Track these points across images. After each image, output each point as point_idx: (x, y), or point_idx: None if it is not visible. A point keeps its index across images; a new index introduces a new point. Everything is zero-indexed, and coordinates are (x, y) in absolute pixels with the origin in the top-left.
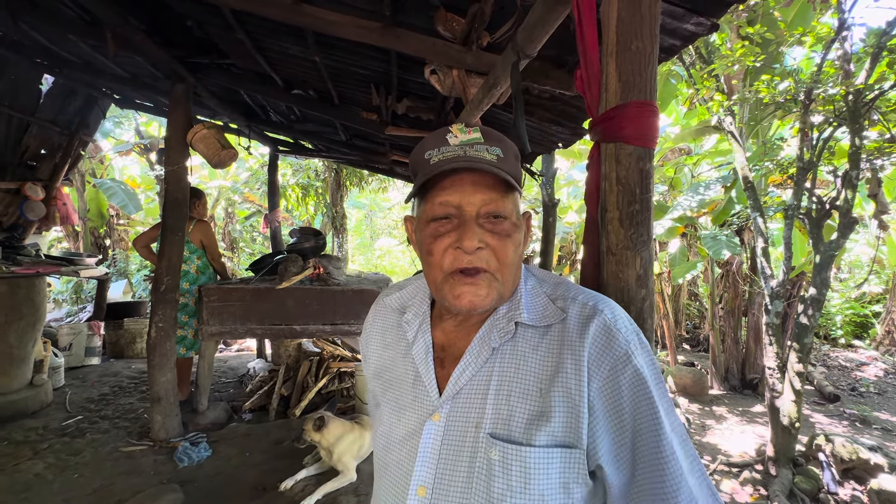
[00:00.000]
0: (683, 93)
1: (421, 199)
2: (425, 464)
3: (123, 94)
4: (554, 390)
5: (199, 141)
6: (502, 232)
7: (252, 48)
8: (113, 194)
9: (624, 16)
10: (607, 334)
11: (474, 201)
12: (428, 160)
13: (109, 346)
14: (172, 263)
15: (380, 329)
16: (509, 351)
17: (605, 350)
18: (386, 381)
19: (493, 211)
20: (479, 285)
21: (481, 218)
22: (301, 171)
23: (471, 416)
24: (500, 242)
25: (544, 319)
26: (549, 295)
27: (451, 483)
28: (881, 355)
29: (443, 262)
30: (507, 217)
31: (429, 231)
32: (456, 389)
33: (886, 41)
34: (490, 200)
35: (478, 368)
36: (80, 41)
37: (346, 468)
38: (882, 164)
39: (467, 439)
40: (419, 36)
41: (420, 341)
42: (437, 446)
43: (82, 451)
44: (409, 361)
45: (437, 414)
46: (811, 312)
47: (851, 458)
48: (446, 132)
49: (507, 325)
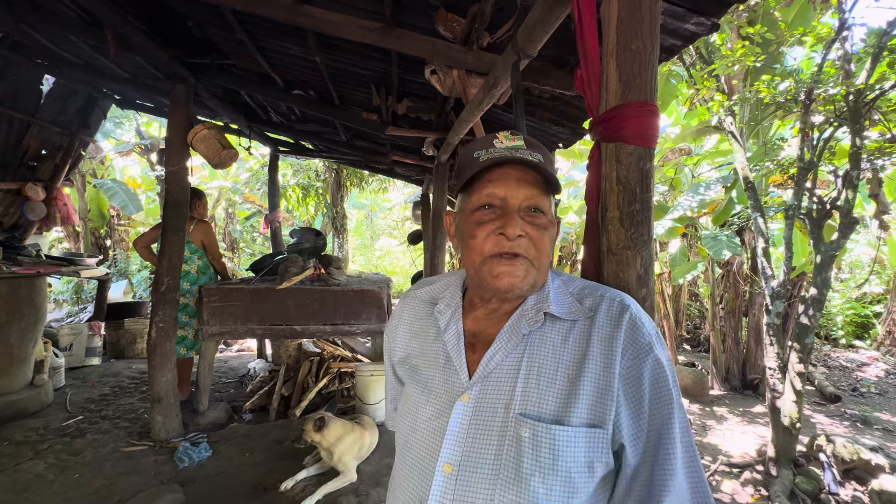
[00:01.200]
0: (684, 93)
1: (466, 192)
2: (453, 442)
3: (124, 95)
4: (583, 376)
5: (200, 141)
6: (540, 225)
7: (252, 48)
8: (113, 195)
9: (624, 15)
10: (634, 326)
11: (518, 195)
12: (477, 158)
13: (110, 347)
14: (173, 263)
15: (409, 319)
16: (538, 339)
17: (632, 340)
18: (412, 366)
19: (534, 205)
20: (517, 266)
21: (522, 211)
22: (301, 172)
23: (500, 397)
24: (538, 233)
25: (571, 315)
26: (575, 294)
27: (478, 461)
28: (882, 356)
29: (484, 247)
30: (545, 213)
31: (473, 219)
32: (487, 371)
33: (887, 41)
34: (532, 196)
35: (508, 353)
36: (81, 42)
37: (346, 468)
38: (883, 164)
39: (496, 419)
40: (420, 36)
41: (452, 328)
42: (466, 425)
43: (83, 451)
44: (440, 347)
45: (467, 395)
46: (812, 313)
47: (852, 459)
48: (493, 137)
49: (536, 314)
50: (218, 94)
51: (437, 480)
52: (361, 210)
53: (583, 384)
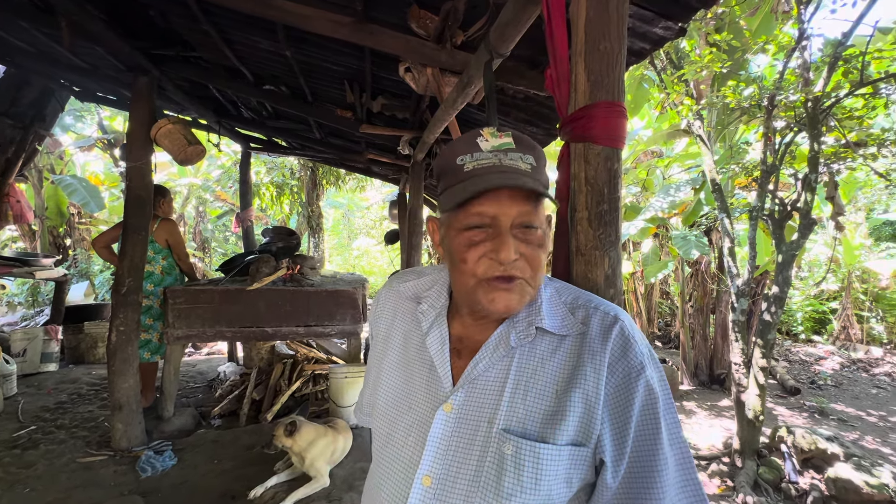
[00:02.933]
0: (655, 97)
1: (454, 209)
2: (433, 454)
3: (83, 87)
4: (572, 392)
5: (164, 136)
6: (535, 241)
7: (219, 41)
8: (73, 191)
9: (592, 16)
10: (625, 342)
11: (510, 213)
12: (461, 166)
13: (69, 352)
14: (135, 264)
15: (390, 313)
16: (527, 353)
17: (622, 357)
18: (392, 362)
19: (527, 222)
20: (513, 291)
21: (515, 228)
22: (276, 169)
23: (484, 410)
24: (533, 252)
25: (563, 329)
26: (569, 305)
27: (458, 475)
28: (837, 350)
29: (476, 270)
30: (538, 227)
31: (462, 240)
32: (470, 379)
33: (842, 51)
34: (525, 213)
35: (493, 362)
36: (34, 29)
37: (318, 473)
38: (838, 168)
39: (479, 433)
40: (393, 33)
41: (435, 332)
42: (448, 437)
43: (35, 463)
44: (424, 351)
45: (449, 404)
46: (774, 310)
47: (811, 449)
48: (477, 135)
49: (527, 328)
50: (184, 88)
51: (414, 492)
52: (338, 209)
53: (571, 401)
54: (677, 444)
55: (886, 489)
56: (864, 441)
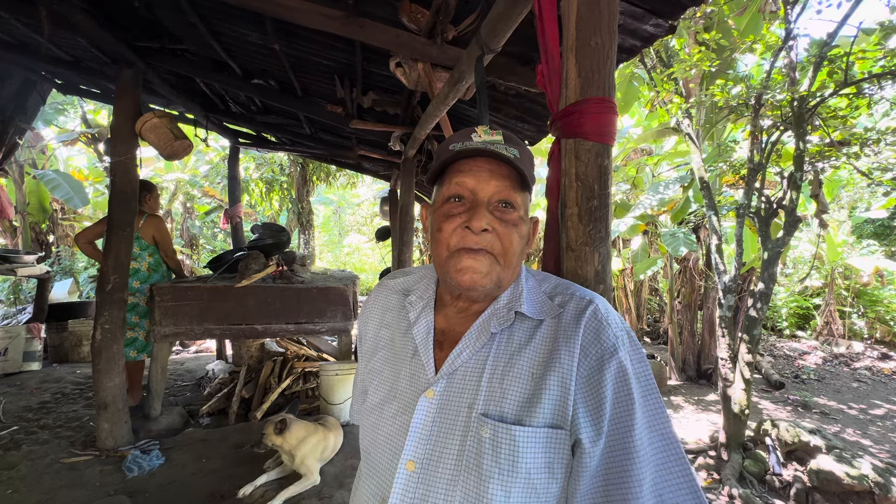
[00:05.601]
0: (645, 95)
1: (439, 184)
2: (416, 439)
3: (66, 79)
4: (547, 375)
5: (150, 131)
6: (510, 220)
7: (206, 33)
8: (56, 187)
9: (583, 12)
10: (598, 325)
11: (488, 188)
12: (452, 150)
13: (52, 350)
14: (120, 261)
15: (380, 309)
16: (506, 338)
17: (595, 339)
18: (381, 359)
19: (505, 199)
20: (480, 261)
21: (492, 205)
22: (265, 165)
23: (465, 396)
24: (506, 230)
25: (541, 314)
26: (548, 293)
27: (440, 459)
28: (820, 344)
29: (450, 240)
30: (516, 208)
31: (442, 211)
32: (452, 369)
33: (827, 52)
34: (503, 188)
35: (475, 351)
36: (13, 18)
37: (308, 471)
38: (822, 166)
39: (460, 418)
40: (383, 27)
41: (422, 322)
42: (430, 423)
43: (17, 464)
44: (409, 340)
45: (432, 391)
46: (760, 306)
47: (794, 441)
48: (472, 131)
49: (507, 313)
50: (171, 82)
51: (399, 478)
52: (329, 206)
53: (547, 384)
54: (657, 426)
55: (866, 480)
56: (845, 433)
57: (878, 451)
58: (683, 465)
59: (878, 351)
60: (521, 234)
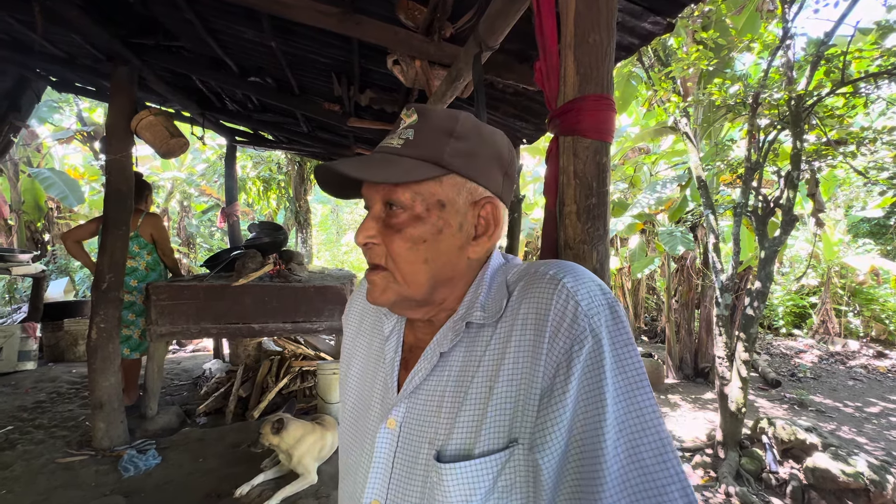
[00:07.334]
0: (643, 94)
1: None
2: (378, 476)
3: (61, 76)
4: (496, 386)
5: (145, 128)
6: (395, 225)
7: (202, 30)
8: (51, 185)
9: (581, 8)
10: (563, 305)
11: (373, 194)
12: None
13: (48, 350)
14: (115, 260)
15: (358, 313)
16: (463, 356)
17: (560, 324)
18: (356, 370)
19: (389, 199)
20: (374, 282)
21: (383, 212)
22: (262, 164)
23: (425, 430)
24: (389, 237)
25: (498, 313)
26: (511, 283)
27: (403, 501)
28: (816, 343)
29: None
30: (404, 208)
31: None
32: (407, 394)
33: (824, 51)
34: (385, 189)
35: (427, 374)
36: (6, 15)
37: (306, 471)
38: (819, 165)
39: (420, 456)
40: (381, 24)
41: (394, 338)
42: (391, 459)
43: (12, 464)
44: (381, 357)
45: (393, 420)
46: (756, 304)
47: (790, 439)
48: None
49: (457, 326)
50: (167, 79)
51: None
52: (327, 204)
53: (500, 391)
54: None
55: (861, 477)
56: (840, 431)
57: (873, 448)
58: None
59: (873, 349)
60: (412, 236)
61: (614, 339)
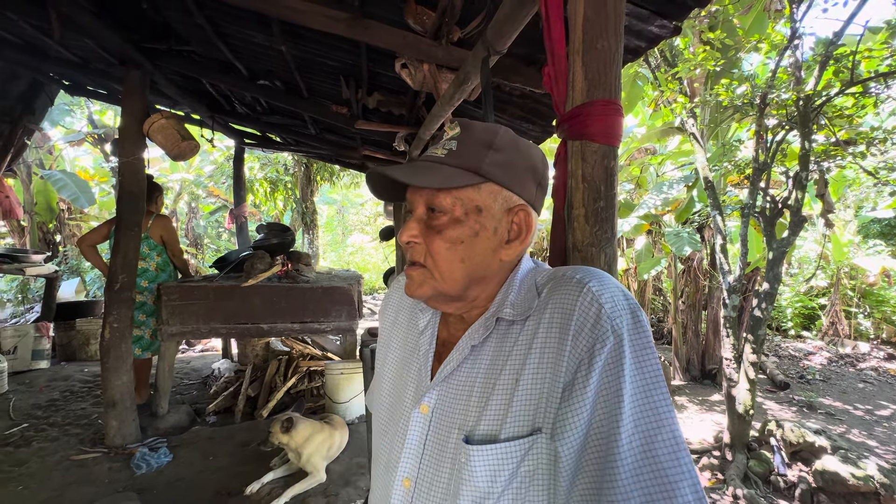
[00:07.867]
0: (649, 94)
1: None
2: (410, 456)
3: (73, 80)
4: (522, 377)
5: (157, 131)
6: (436, 227)
7: (213, 35)
8: (63, 187)
9: (590, 14)
10: (587, 307)
11: (418, 198)
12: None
13: (60, 349)
14: (128, 260)
15: (394, 308)
16: (493, 349)
17: (583, 325)
18: (392, 360)
19: (431, 204)
20: (412, 277)
21: (426, 215)
22: (269, 165)
23: (455, 416)
24: (430, 237)
25: (524, 312)
26: (539, 284)
27: (433, 482)
28: (826, 345)
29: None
30: (444, 212)
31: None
32: (440, 381)
33: (833, 50)
34: (428, 195)
35: (458, 364)
36: (22, 20)
37: (315, 469)
38: (828, 166)
39: (450, 440)
40: (389, 28)
41: (429, 331)
42: (423, 440)
43: (28, 461)
44: (417, 349)
45: (426, 405)
46: (764, 306)
47: (799, 442)
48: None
49: (490, 321)
50: (177, 82)
51: (395, 494)
52: (332, 206)
53: (525, 384)
54: (649, 411)
55: (871, 481)
56: (850, 434)
57: (883, 451)
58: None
59: (884, 351)
60: (451, 238)
61: (634, 341)
